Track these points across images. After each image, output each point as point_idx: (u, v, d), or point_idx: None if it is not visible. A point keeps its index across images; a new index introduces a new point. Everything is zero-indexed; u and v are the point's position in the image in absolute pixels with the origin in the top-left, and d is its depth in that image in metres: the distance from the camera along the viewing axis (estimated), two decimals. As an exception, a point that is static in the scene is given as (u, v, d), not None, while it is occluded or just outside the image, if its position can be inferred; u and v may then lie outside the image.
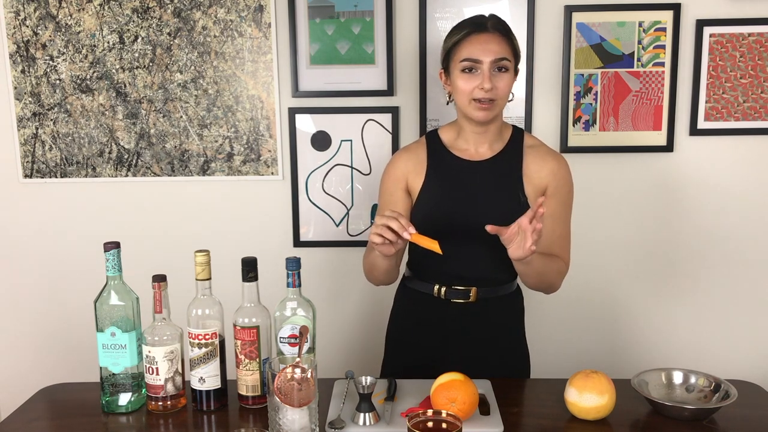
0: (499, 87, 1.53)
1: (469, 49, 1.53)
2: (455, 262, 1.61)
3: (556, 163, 1.63)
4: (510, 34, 1.57)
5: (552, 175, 1.62)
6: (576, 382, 1.37)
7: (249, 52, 2.19)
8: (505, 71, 1.54)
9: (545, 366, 1.96)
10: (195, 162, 2.26)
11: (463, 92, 1.55)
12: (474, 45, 1.53)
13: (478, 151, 1.64)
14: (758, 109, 2.17)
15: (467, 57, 1.53)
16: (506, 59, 1.53)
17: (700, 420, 1.37)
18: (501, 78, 1.53)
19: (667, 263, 2.30)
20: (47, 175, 2.29)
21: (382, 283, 1.68)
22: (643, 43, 2.14)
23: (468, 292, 1.63)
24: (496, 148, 1.64)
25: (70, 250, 2.34)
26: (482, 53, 1.52)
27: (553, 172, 1.62)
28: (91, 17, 2.18)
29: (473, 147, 1.64)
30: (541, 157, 1.63)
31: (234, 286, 1.51)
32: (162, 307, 1.40)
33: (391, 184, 1.67)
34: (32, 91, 2.23)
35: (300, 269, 1.41)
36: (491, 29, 1.54)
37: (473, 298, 1.63)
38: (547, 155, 1.64)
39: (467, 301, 1.64)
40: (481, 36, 1.53)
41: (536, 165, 1.62)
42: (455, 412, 1.24)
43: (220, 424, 1.40)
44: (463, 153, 1.64)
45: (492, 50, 1.52)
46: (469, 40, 1.54)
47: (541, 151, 1.64)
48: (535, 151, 1.64)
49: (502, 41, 1.54)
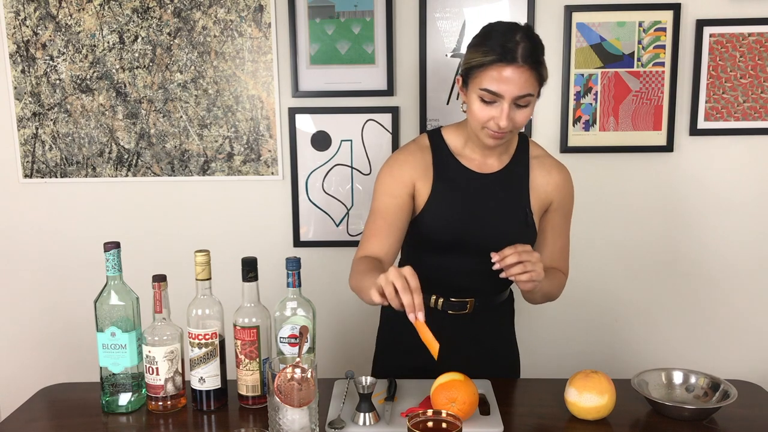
0: (517, 120, 1.43)
1: (492, 81, 1.39)
2: (455, 275, 1.58)
3: (561, 178, 1.60)
4: (540, 66, 1.42)
5: (557, 190, 1.59)
6: (576, 382, 1.37)
7: (249, 52, 2.19)
8: (526, 106, 1.43)
9: (545, 366, 1.96)
10: (195, 162, 2.26)
11: (476, 119, 1.45)
12: (498, 77, 1.38)
13: (486, 162, 1.57)
14: (758, 109, 2.17)
15: (488, 88, 1.40)
16: (530, 95, 1.41)
17: (700, 420, 1.37)
18: (521, 112, 1.43)
19: (667, 263, 2.30)
20: (47, 175, 2.29)
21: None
22: (643, 43, 2.14)
23: (465, 304, 1.60)
24: (504, 160, 1.58)
25: (70, 250, 2.34)
26: (505, 89, 1.39)
27: (558, 188, 1.59)
28: (91, 17, 2.18)
29: (481, 157, 1.57)
30: (547, 170, 1.59)
31: (234, 286, 1.51)
32: (162, 307, 1.40)
33: (397, 186, 1.55)
34: (32, 91, 2.23)
35: (300, 269, 1.41)
36: (521, 61, 1.38)
37: (470, 309, 1.61)
38: (553, 169, 1.60)
39: (463, 312, 1.62)
40: (508, 68, 1.38)
41: (542, 179, 1.58)
42: (455, 412, 1.24)
43: (220, 424, 1.40)
44: (470, 162, 1.57)
45: (517, 86, 1.39)
46: (494, 69, 1.39)
47: (547, 164, 1.60)
48: (541, 163, 1.60)
49: (530, 76, 1.39)
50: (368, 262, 1.48)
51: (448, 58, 2.17)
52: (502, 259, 1.38)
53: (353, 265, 1.53)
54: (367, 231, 1.56)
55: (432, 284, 1.61)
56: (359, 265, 1.49)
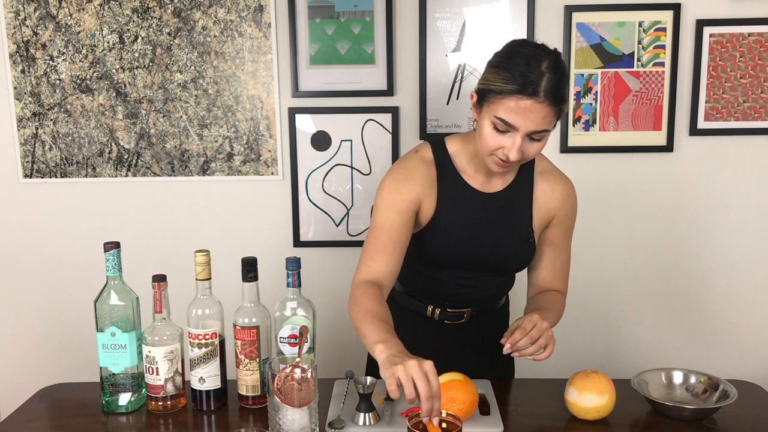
0: (527, 154, 1.36)
1: (508, 111, 1.30)
2: (454, 288, 1.57)
3: (565, 194, 1.55)
4: (562, 103, 1.32)
5: (560, 206, 1.55)
6: (576, 382, 1.37)
7: (249, 52, 2.19)
8: (539, 140, 1.35)
9: (545, 366, 1.95)
10: (195, 162, 2.26)
11: (486, 145, 1.36)
12: (516, 108, 1.29)
13: (490, 181, 1.51)
14: (758, 109, 2.17)
15: (503, 118, 1.31)
16: (546, 131, 1.33)
17: (700, 420, 1.37)
18: (533, 145, 1.35)
19: (667, 263, 2.30)
20: (47, 175, 2.29)
21: None
22: (643, 43, 2.14)
23: (462, 314, 1.60)
24: (508, 179, 1.52)
25: (70, 250, 2.34)
26: (521, 122, 1.30)
27: (561, 203, 1.55)
28: (91, 17, 2.18)
29: (485, 177, 1.50)
30: (551, 185, 1.54)
31: (234, 286, 1.51)
32: (162, 307, 1.40)
33: (403, 203, 1.46)
34: (32, 91, 2.23)
35: (300, 269, 1.41)
36: (542, 96, 1.28)
37: (467, 319, 1.61)
38: (557, 183, 1.55)
39: (460, 321, 1.61)
40: (528, 101, 1.28)
41: (545, 195, 1.54)
42: (455, 412, 1.24)
43: (220, 424, 1.40)
44: (474, 181, 1.50)
45: (534, 122, 1.30)
46: (512, 99, 1.29)
47: (551, 179, 1.55)
48: (545, 177, 1.55)
49: (549, 111, 1.30)
50: (369, 296, 1.39)
51: (448, 57, 2.17)
52: (514, 345, 1.34)
53: (354, 289, 1.44)
54: (370, 248, 1.46)
55: (429, 295, 1.61)
56: (361, 298, 1.39)
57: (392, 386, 1.16)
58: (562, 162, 1.66)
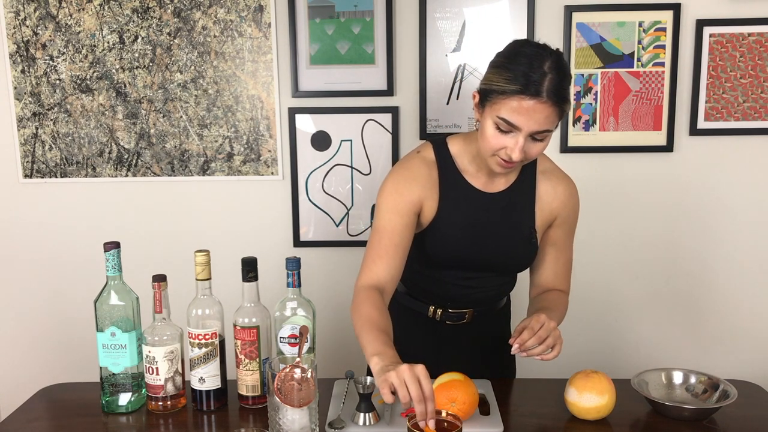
0: (530, 153, 1.36)
1: (511, 112, 1.30)
2: (455, 288, 1.57)
3: (567, 194, 1.55)
4: (564, 103, 1.32)
5: (562, 206, 1.55)
6: (576, 382, 1.37)
7: (249, 52, 2.19)
8: (542, 140, 1.35)
9: (544, 366, 1.95)
10: (195, 162, 2.26)
11: (488, 145, 1.36)
12: (518, 108, 1.29)
13: (493, 181, 1.51)
14: (758, 109, 2.17)
15: (506, 118, 1.31)
16: (549, 131, 1.33)
17: (700, 420, 1.37)
18: (535, 145, 1.35)
19: (667, 263, 2.30)
20: (47, 175, 2.29)
21: None
22: (643, 43, 2.14)
23: (464, 314, 1.60)
24: (511, 178, 1.52)
25: (70, 250, 2.34)
26: (524, 122, 1.30)
27: (564, 204, 1.55)
28: (91, 17, 2.18)
29: (487, 177, 1.50)
30: (553, 185, 1.54)
31: (234, 286, 1.51)
32: (162, 307, 1.40)
33: (405, 205, 1.46)
34: (32, 91, 2.23)
35: (300, 269, 1.41)
36: (545, 95, 1.28)
37: (468, 319, 1.61)
38: (559, 184, 1.55)
39: (462, 322, 1.61)
40: (530, 101, 1.28)
41: (548, 195, 1.54)
42: (455, 412, 1.24)
43: (220, 424, 1.40)
44: (476, 181, 1.50)
45: (536, 122, 1.30)
46: (515, 99, 1.29)
47: (553, 179, 1.55)
48: (547, 177, 1.55)
49: (552, 112, 1.30)
50: (371, 302, 1.39)
51: (448, 57, 2.17)
52: (522, 345, 1.34)
53: (357, 294, 1.43)
54: (372, 251, 1.45)
55: (430, 296, 1.61)
56: (362, 304, 1.39)
57: (386, 392, 1.17)
58: (562, 162, 1.66)
